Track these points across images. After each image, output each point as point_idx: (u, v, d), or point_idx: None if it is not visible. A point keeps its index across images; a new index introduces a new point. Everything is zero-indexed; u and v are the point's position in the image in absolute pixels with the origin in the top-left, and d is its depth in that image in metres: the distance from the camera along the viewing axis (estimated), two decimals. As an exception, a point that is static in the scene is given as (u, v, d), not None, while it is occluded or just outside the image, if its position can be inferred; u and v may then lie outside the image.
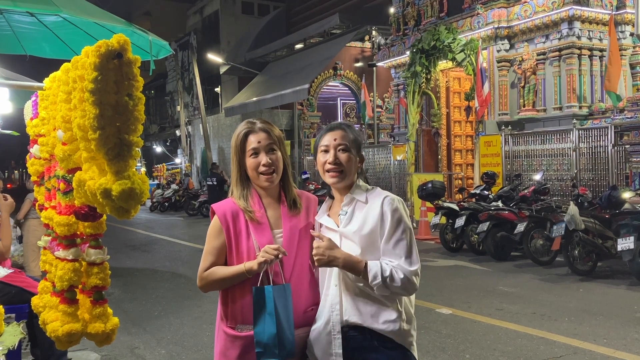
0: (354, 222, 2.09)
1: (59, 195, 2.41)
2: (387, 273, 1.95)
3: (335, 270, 2.06)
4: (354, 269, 1.99)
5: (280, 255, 2.05)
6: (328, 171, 2.11)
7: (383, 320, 2.01)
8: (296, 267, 2.15)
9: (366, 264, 1.98)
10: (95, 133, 1.88)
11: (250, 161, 2.18)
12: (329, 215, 2.21)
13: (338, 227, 2.12)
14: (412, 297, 2.11)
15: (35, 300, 2.77)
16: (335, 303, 2.04)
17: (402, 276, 1.96)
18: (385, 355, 2.01)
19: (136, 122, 1.94)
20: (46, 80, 2.60)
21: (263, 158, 2.16)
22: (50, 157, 2.59)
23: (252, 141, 2.18)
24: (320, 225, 2.21)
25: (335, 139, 2.12)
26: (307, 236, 2.22)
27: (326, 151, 2.13)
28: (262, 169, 2.16)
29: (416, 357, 2.08)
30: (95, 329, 2.39)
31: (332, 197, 2.25)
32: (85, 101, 1.92)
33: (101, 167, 1.99)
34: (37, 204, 2.92)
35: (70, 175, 2.25)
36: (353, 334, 2.02)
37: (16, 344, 2.72)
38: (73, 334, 2.34)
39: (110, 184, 1.89)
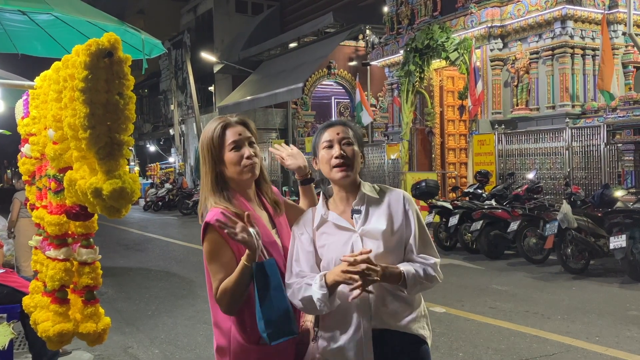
0: (377, 221, 2.00)
1: (50, 194, 2.40)
2: (422, 274, 1.94)
3: None
4: (392, 277, 1.90)
5: (247, 217, 1.87)
6: (335, 166, 1.99)
7: (409, 320, 1.99)
8: None
9: (402, 271, 1.92)
10: (85, 132, 1.88)
11: (230, 155, 2.02)
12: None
13: (353, 226, 2.00)
14: None
15: (26, 300, 2.76)
16: (366, 309, 1.96)
17: (432, 273, 1.97)
18: (413, 354, 2.00)
19: (127, 121, 1.93)
20: (37, 79, 2.59)
21: (246, 151, 2.02)
22: (41, 156, 2.58)
23: (232, 134, 2.03)
24: (323, 222, 2.05)
25: (337, 133, 2.02)
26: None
27: (330, 147, 2.01)
28: (246, 162, 2.01)
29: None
30: (86, 329, 2.38)
31: (325, 196, 2.12)
32: (76, 100, 1.91)
33: (92, 166, 1.98)
34: (28, 203, 2.91)
35: (61, 175, 2.24)
36: (381, 336, 1.97)
37: (7, 344, 2.70)
38: (64, 334, 2.33)
39: (100, 183, 1.88)
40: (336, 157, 1.98)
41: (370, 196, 2.04)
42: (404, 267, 1.94)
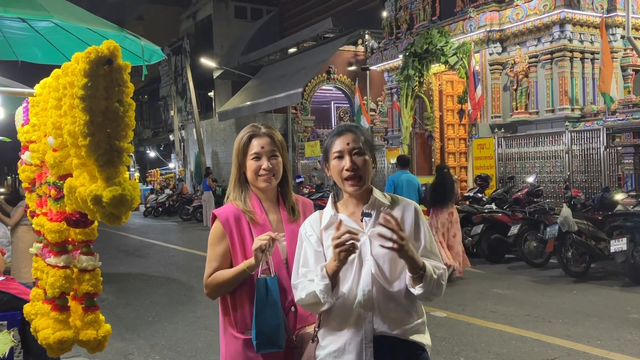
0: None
1: (50, 201, 2.40)
2: (436, 276, 1.92)
3: (366, 273, 1.96)
4: (415, 263, 1.87)
5: (276, 237, 2.05)
6: (346, 179, 1.98)
7: (410, 327, 1.98)
8: None
9: (425, 263, 1.89)
10: (85, 139, 1.88)
11: (251, 163, 2.22)
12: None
13: (363, 229, 2.00)
14: None
15: (27, 308, 2.75)
16: (367, 310, 1.95)
17: (442, 279, 1.96)
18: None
19: (126, 128, 1.93)
20: (37, 86, 2.59)
21: (264, 163, 2.20)
22: (41, 164, 2.58)
23: (256, 145, 2.22)
24: (332, 222, 2.04)
25: (348, 143, 2.00)
26: None
27: (340, 157, 2.00)
28: (262, 172, 2.20)
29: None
30: (87, 336, 2.38)
31: (334, 197, 2.12)
32: (76, 107, 1.91)
33: (92, 173, 1.99)
34: (28, 211, 2.91)
35: (61, 182, 2.24)
36: (381, 342, 1.96)
37: (7, 352, 2.70)
38: (64, 341, 2.33)
39: (100, 191, 1.88)
40: (347, 170, 1.99)
41: (381, 202, 2.05)
42: (426, 261, 1.93)
